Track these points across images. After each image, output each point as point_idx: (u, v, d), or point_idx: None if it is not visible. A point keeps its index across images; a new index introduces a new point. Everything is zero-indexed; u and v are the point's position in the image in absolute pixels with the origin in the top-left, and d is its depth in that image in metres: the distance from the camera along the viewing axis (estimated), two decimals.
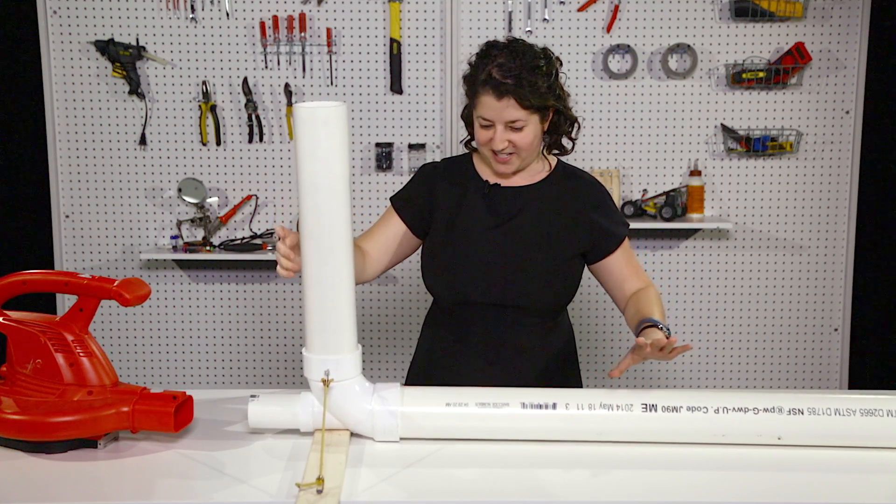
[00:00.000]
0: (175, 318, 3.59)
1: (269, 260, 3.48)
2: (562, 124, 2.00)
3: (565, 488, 1.53)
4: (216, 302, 3.59)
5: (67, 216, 3.52)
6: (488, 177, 2.04)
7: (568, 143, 2.07)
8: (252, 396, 1.71)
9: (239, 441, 1.69)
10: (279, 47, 3.43)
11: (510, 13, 3.42)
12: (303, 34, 3.40)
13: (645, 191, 3.52)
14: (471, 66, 1.95)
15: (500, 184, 2.02)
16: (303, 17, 3.39)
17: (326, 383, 1.63)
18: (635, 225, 3.34)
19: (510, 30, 3.41)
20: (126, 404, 1.62)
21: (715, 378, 3.63)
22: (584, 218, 2.01)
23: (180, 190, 3.45)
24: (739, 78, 3.41)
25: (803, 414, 1.64)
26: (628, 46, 3.43)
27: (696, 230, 3.55)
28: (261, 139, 3.48)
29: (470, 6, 3.42)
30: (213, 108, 3.45)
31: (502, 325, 2.00)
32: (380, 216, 2.13)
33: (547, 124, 1.97)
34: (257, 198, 3.52)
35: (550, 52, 1.94)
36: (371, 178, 3.51)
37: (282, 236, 1.70)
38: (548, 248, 1.98)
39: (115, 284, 1.68)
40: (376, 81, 3.46)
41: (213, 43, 3.43)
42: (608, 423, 1.66)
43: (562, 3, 3.42)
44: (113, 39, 3.39)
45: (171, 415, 1.61)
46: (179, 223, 3.49)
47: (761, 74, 3.40)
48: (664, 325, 1.82)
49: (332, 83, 3.45)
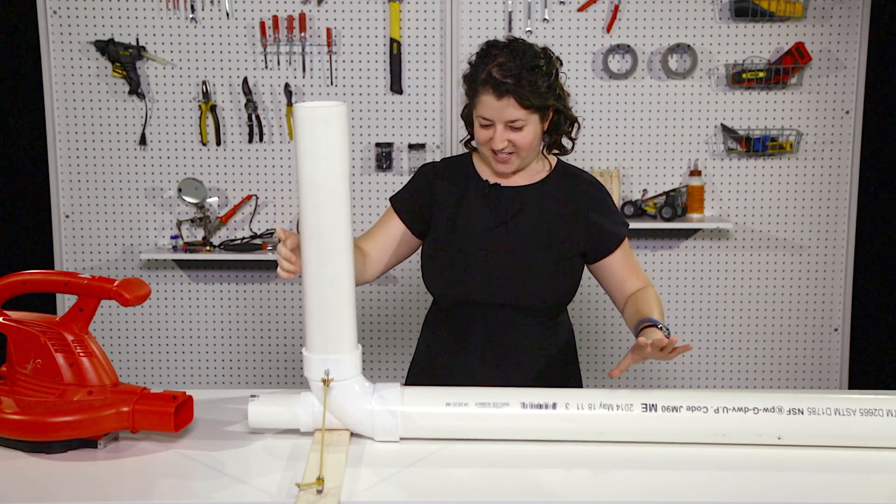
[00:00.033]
0: (175, 318, 3.59)
1: (269, 260, 3.48)
2: (562, 124, 2.00)
3: (565, 488, 1.52)
4: (216, 302, 3.59)
5: (67, 216, 3.52)
6: (488, 176, 2.04)
7: (568, 142, 2.07)
8: (252, 396, 1.71)
9: (239, 441, 1.69)
10: (279, 47, 3.43)
11: (510, 13, 3.42)
12: (303, 34, 3.40)
13: (645, 191, 3.52)
14: (471, 66, 1.95)
15: (499, 183, 2.02)
16: (303, 17, 3.39)
17: (326, 383, 1.63)
18: (635, 225, 3.34)
19: (510, 30, 3.41)
20: (126, 404, 1.62)
21: (715, 378, 3.63)
22: (584, 218, 2.01)
23: (180, 190, 3.45)
24: (739, 78, 3.41)
25: (803, 414, 1.64)
26: (628, 46, 3.43)
27: (696, 230, 3.54)
28: (261, 139, 3.48)
29: (470, 6, 3.42)
30: (213, 108, 3.45)
31: (502, 325, 2.00)
32: (380, 216, 2.13)
33: (547, 124, 1.97)
34: (257, 198, 3.52)
35: (550, 51, 1.94)
36: (371, 178, 3.51)
37: (283, 239, 1.70)
38: (548, 248, 1.98)
39: (115, 284, 1.68)
40: (376, 81, 3.46)
41: (213, 43, 3.43)
42: (608, 423, 1.66)
43: (562, 3, 3.42)
44: (113, 39, 3.39)
45: (171, 415, 1.61)
46: (179, 223, 3.49)
47: (761, 74, 3.40)
48: (664, 325, 1.82)
49: (332, 83, 3.45)
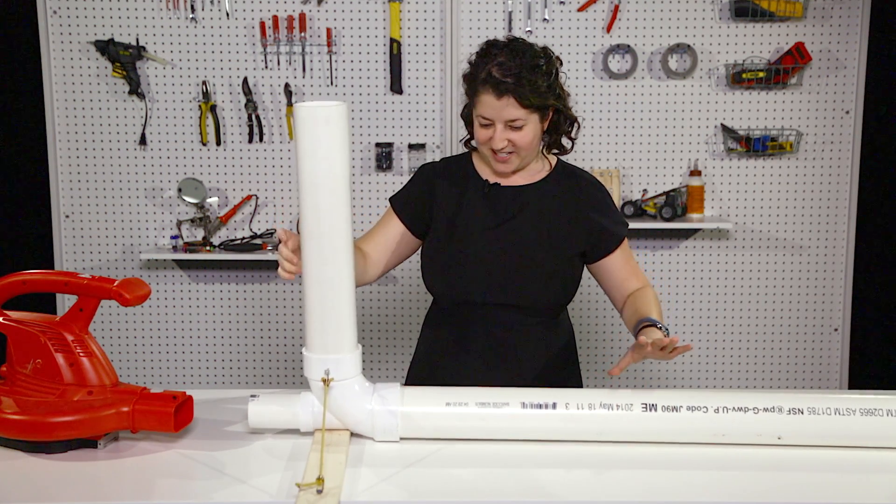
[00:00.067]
0: (175, 318, 3.59)
1: (269, 260, 3.48)
2: (561, 124, 2.00)
3: (565, 488, 1.52)
4: (216, 302, 3.59)
5: (67, 216, 3.52)
6: (488, 176, 2.04)
7: (567, 142, 2.07)
8: (252, 396, 1.71)
9: (239, 441, 1.69)
10: (279, 47, 3.43)
11: (510, 13, 3.41)
12: (303, 34, 3.40)
13: (645, 191, 3.51)
14: (471, 65, 1.95)
15: (499, 183, 2.02)
16: (303, 17, 3.39)
17: (326, 382, 1.62)
18: (635, 225, 3.34)
19: (510, 30, 3.41)
20: (126, 404, 1.62)
21: (715, 378, 3.63)
22: (584, 217, 2.01)
23: (180, 190, 3.45)
24: (739, 78, 3.41)
25: (803, 414, 1.64)
26: (628, 46, 3.43)
27: (696, 230, 3.54)
28: (261, 139, 3.48)
29: (470, 6, 3.42)
30: (213, 108, 3.45)
31: (502, 325, 2.00)
32: (379, 217, 2.12)
33: (547, 123, 1.97)
34: (257, 198, 3.52)
35: (550, 51, 1.94)
36: (371, 178, 3.51)
37: (284, 240, 1.70)
38: (548, 248, 1.98)
39: (115, 284, 1.68)
40: (376, 81, 3.46)
41: (213, 43, 3.43)
42: (608, 423, 1.66)
43: (562, 3, 3.42)
44: (113, 39, 3.39)
45: (171, 415, 1.61)
46: (179, 223, 3.48)
47: (761, 74, 3.40)
48: (663, 325, 1.82)
49: (332, 83, 3.45)
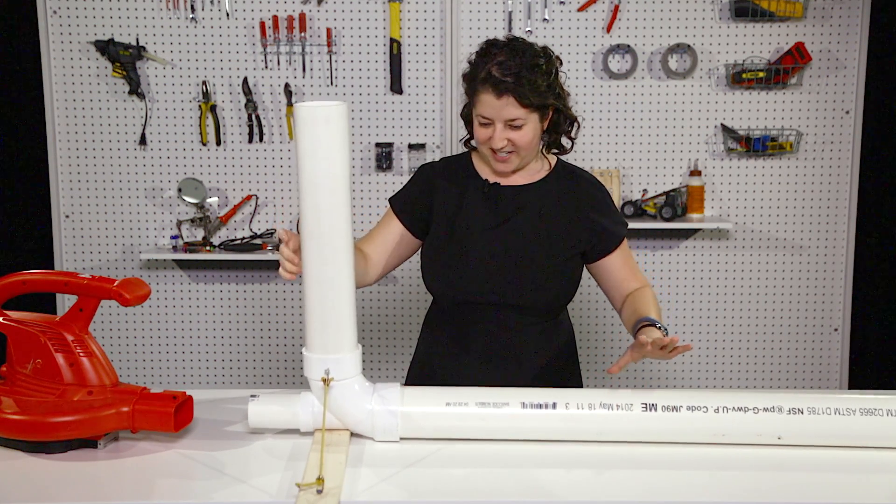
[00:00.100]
0: (175, 318, 3.59)
1: (269, 260, 3.48)
2: (561, 123, 2.00)
3: (565, 488, 1.52)
4: (216, 302, 3.59)
5: (67, 216, 3.51)
6: (488, 176, 2.04)
7: (567, 142, 2.07)
8: (252, 396, 1.71)
9: (239, 441, 1.69)
10: (279, 47, 3.43)
11: (510, 13, 3.41)
12: (303, 34, 3.40)
13: (645, 191, 3.51)
14: (471, 65, 1.95)
15: (499, 183, 2.02)
16: (303, 17, 3.39)
17: (326, 383, 1.62)
18: (635, 225, 3.34)
19: (510, 30, 3.41)
20: (126, 404, 1.62)
21: (715, 378, 3.63)
22: (584, 217, 2.01)
23: (180, 190, 3.45)
24: (739, 78, 3.41)
25: (803, 414, 1.64)
26: (628, 46, 3.43)
27: (696, 230, 3.54)
28: (261, 139, 3.48)
29: (470, 6, 3.42)
30: (213, 108, 3.45)
31: (502, 325, 2.00)
32: (379, 217, 2.12)
33: (546, 123, 1.97)
34: (257, 198, 3.52)
35: (550, 50, 1.94)
36: (371, 178, 3.51)
37: (285, 240, 1.70)
38: (547, 247, 1.98)
39: (115, 284, 1.68)
40: (376, 81, 3.46)
41: (213, 43, 3.43)
42: (608, 422, 1.66)
43: (562, 3, 3.42)
44: (113, 39, 3.39)
45: (171, 415, 1.61)
46: (179, 223, 3.48)
47: (761, 74, 3.40)
48: (662, 325, 1.82)
49: (332, 83, 3.45)
